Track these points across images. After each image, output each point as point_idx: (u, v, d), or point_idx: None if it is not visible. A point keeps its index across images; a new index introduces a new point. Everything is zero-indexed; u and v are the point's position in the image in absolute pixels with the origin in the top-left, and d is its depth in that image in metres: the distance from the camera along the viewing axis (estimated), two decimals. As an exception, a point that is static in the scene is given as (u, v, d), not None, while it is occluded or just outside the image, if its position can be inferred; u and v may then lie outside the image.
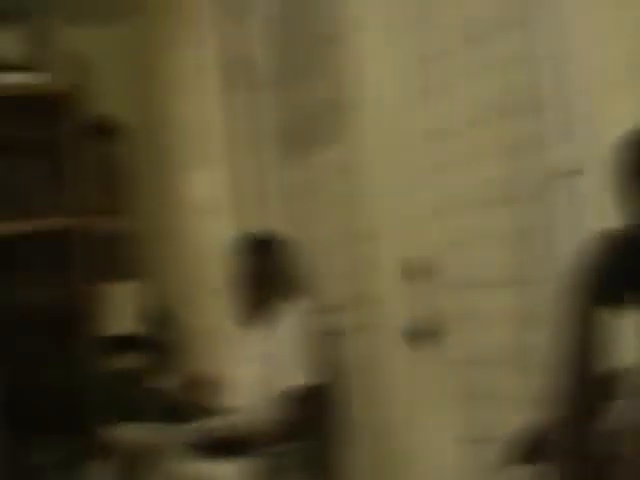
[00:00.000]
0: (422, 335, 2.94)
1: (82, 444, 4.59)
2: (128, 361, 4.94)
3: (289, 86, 3.86)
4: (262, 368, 3.48)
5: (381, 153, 3.18)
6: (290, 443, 3.28)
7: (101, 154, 5.24)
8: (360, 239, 3.31)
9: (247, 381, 3.55)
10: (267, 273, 3.56)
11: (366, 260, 3.29)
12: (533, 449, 2.04)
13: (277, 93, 3.96)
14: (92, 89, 5.15)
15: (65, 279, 4.91)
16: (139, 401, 4.65)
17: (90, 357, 4.78)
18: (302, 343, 3.37)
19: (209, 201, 4.28)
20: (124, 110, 5.31)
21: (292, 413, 3.33)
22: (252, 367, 3.54)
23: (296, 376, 3.32)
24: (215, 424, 3.45)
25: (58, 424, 4.69)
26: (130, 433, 3.59)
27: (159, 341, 4.95)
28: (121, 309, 5.03)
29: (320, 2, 3.49)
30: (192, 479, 3.28)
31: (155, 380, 4.76)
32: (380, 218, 3.19)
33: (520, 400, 2.44)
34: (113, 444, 3.66)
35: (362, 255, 3.31)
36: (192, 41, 4.50)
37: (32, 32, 4.99)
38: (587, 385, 1.75)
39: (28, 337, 4.88)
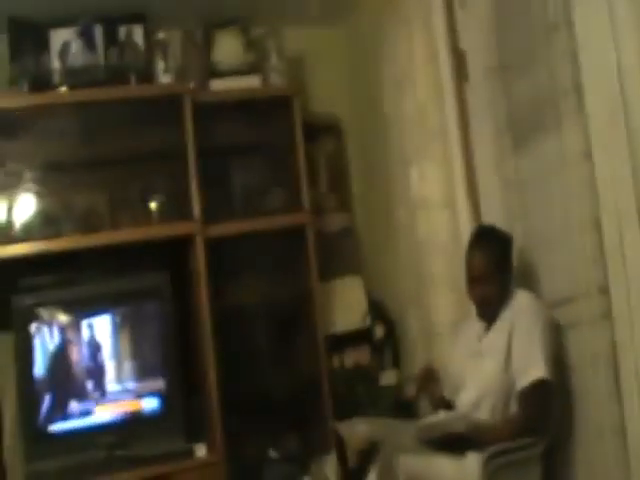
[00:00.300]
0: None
1: (314, 439, 4.68)
2: (356, 357, 4.98)
3: (512, 75, 3.78)
4: (492, 362, 3.45)
5: (607, 139, 3.08)
6: (523, 439, 3.23)
7: (325, 152, 5.33)
8: (592, 228, 3.19)
9: (476, 376, 3.52)
10: (498, 266, 3.53)
11: (593, 250, 3.17)
12: None
13: (499, 83, 3.87)
14: (315, 88, 5.26)
15: (295, 276, 5.00)
16: (369, 396, 4.69)
17: (319, 354, 4.84)
18: (536, 337, 3.32)
19: (435, 195, 4.25)
20: (345, 108, 5.40)
21: (528, 408, 3.30)
22: (481, 362, 3.52)
23: (532, 371, 3.28)
24: (445, 419, 3.42)
25: (291, 418, 4.78)
26: (361, 428, 3.60)
27: (384, 337, 4.96)
28: (347, 305, 5.08)
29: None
30: (423, 474, 3.25)
31: (381, 375, 4.79)
32: (610, 204, 3.08)
33: None
34: (344, 439, 3.69)
35: (590, 245, 3.19)
36: (407, 36, 4.47)
37: (253, 36, 5.11)
38: None
39: (260, 334, 5.00)
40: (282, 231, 4.94)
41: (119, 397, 4.62)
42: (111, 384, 4.61)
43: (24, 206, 4.63)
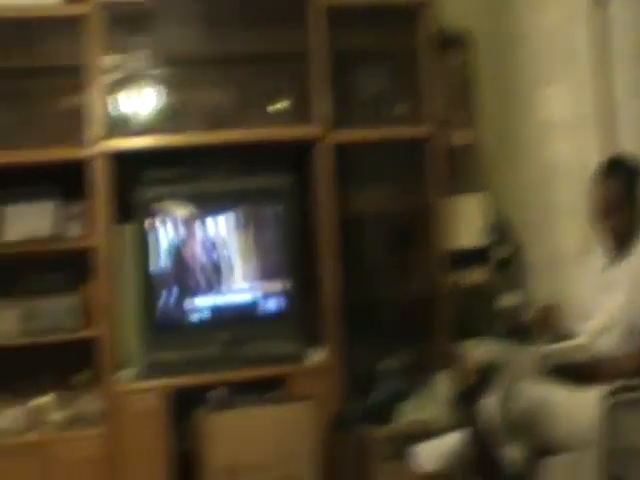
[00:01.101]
0: None
1: (429, 354, 4.70)
2: (473, 276, 4.93)
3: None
4: (619, 295, 3.40)
5: None
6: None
7: (452, 66, 5.23)
8: None
9: (602, 307, 3.46)
10: (628, 198, 3.44)
11: None
12: None
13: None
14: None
15: (416, 189, 4.96)
16: (484, 317, 4.68)
17: (437, 270, 4.83)
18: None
19: (564, 119, 4.16)
20: (476, 21, 5.25)
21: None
22: (608, 294, 3.46)
23: None
24: (569, 348, 3.40)
25: (406, 331, 4.80)
26: (482, 350, 3.60)
27: (507, 258, 4.90)
28: (468, 222, 4.99)
29: None
30: (542, 404, 3.23)
31: (500, 297, 4.75)
32: None
33: None
34: (463, 358, 3.71)
35: None
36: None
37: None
38: None
39: (379, 244, 5.01)
40: (405, 142, 4.90)
41: (237, 295, 4.68)
42: (229, 282, 4.66)
43: (150, 99, 4.67)
